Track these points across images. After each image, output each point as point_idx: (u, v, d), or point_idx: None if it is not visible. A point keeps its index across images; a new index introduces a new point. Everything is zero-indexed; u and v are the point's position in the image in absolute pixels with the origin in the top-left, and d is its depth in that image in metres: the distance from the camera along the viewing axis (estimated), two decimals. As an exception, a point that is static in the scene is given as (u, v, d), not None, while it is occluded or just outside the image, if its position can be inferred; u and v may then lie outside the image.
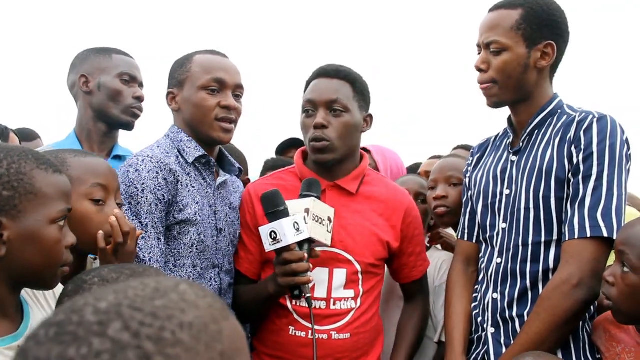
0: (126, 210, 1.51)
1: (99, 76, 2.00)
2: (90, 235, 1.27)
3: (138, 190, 1.52)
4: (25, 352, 0.42)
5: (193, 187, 1.65)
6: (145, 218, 1.52)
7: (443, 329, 1.89)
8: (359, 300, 1.69)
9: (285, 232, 1.48)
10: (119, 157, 2.07)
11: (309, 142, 1.70)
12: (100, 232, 1.26)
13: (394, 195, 1.80)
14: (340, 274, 1.68)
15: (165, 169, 1.57)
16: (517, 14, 1.56)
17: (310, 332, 1.62)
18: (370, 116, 1.79)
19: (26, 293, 1.10)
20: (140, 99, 2.04)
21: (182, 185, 1.61)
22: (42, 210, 0.95)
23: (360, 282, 1.70)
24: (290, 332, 1.66)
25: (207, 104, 1.65)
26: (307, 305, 1.55)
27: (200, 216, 1.63)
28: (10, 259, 0.94)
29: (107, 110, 1.99)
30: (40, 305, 1.14)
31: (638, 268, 1.26)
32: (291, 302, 1.57)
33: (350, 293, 1.68)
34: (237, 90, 1.71)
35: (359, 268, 1.69)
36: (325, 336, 1.64)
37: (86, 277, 1.06)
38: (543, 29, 1.56)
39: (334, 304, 1.66)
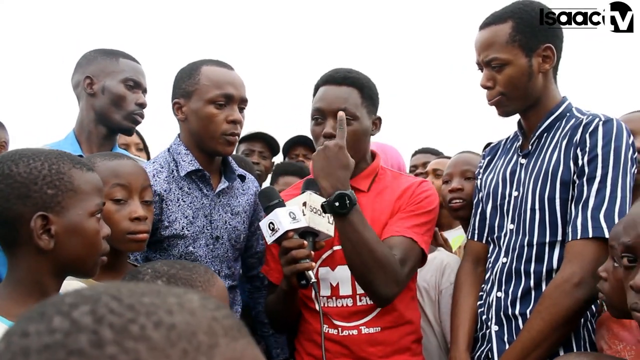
0: None
1: (104, 79, 1.98)
2: (113, 232, 1.36)
3: None
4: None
5: (184, 201, 1.73)
6: None
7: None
8: None
9: (281, 220, 1.54)
10: None
11: None
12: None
13: (401, 185, 1.78)
14: None
15: None
16: (508, 27, 1.60)
17: (340, 329, 1.67)
18: (379, 119, 1.80)
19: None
20: (142, 105, 2.02)
21: (169, 203, 1.71)
22: (82, 204, 1.05)
23: None
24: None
25: (215, 119, 1.71)
26: (313, 291, 1.58)
27: (189, 230, 1.72)
28: (57, 251, 1.03)
29: (109, 114, 1.98)
30: None
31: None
32: (319, 304, 1.61)
33: None
34: (242, 103, 1.77)
35: None
36: (355, 332, 1.67)
37: (141, 269, 1.17)
38: (537, 34, 1.60)
39: (360, 300, 1.68)
